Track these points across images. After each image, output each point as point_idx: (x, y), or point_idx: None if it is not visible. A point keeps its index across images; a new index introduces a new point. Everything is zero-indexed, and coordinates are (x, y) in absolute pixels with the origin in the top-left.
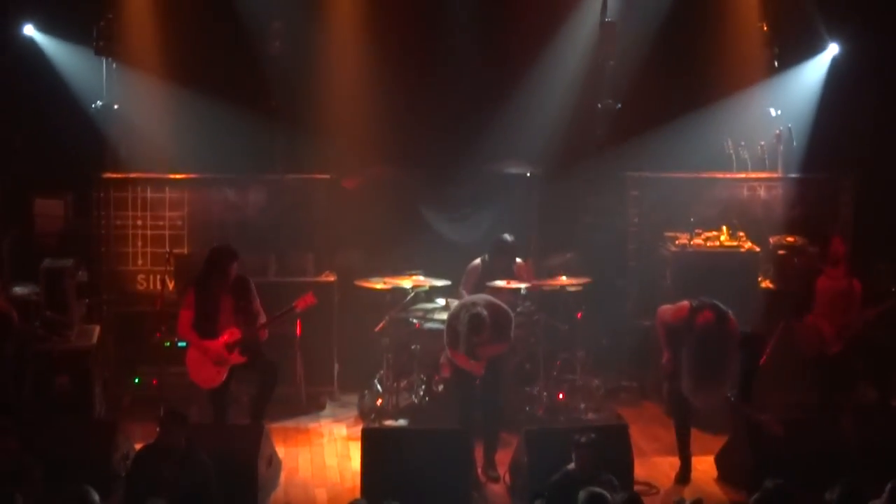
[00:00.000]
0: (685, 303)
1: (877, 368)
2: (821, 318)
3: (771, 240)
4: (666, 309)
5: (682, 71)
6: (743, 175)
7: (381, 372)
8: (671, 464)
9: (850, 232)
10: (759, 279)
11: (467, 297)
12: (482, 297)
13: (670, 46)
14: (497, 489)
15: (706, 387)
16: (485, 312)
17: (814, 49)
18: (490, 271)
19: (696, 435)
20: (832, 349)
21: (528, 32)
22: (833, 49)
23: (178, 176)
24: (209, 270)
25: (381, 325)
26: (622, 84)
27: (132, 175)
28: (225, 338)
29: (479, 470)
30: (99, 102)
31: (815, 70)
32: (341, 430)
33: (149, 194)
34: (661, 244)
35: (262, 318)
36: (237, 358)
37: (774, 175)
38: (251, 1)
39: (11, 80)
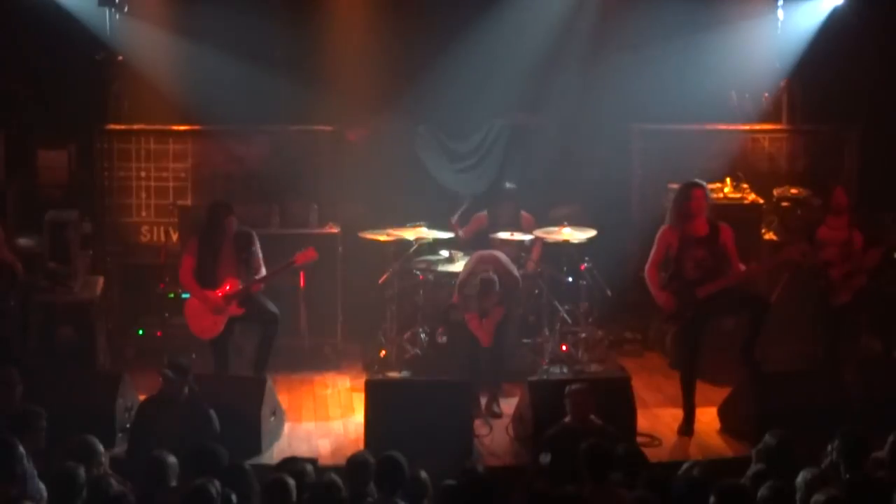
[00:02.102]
0: None
1: (882, 320)
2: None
3: (775, 192)
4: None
5: (684, 19)
6: (747, 127)
7: (385, 324)
8: (674, 415)
9: (856, 183)
10: (763, 231)
11: (477, 259)
12: (492, 257)
13: None
14: (500, 440)
15: None
16: (495, 276)
17: None
18: (495, 224)
19: (699, 386)
20: (837, 299)
21: None
22: None
23: (181, 127)
24: (208, 224)
25: (384, 276)
26: (624, 33)
27: (136, 127)
28: (224, 289)
29: (483, 409)
30: (102, 53)
31: (820, 19)
32: (345, 381)
33: (152, 146)
34: (665, 196)
35: (262, 273)
36: (235, 309)
37: (778, 127)
38: None
39: (15, 30)
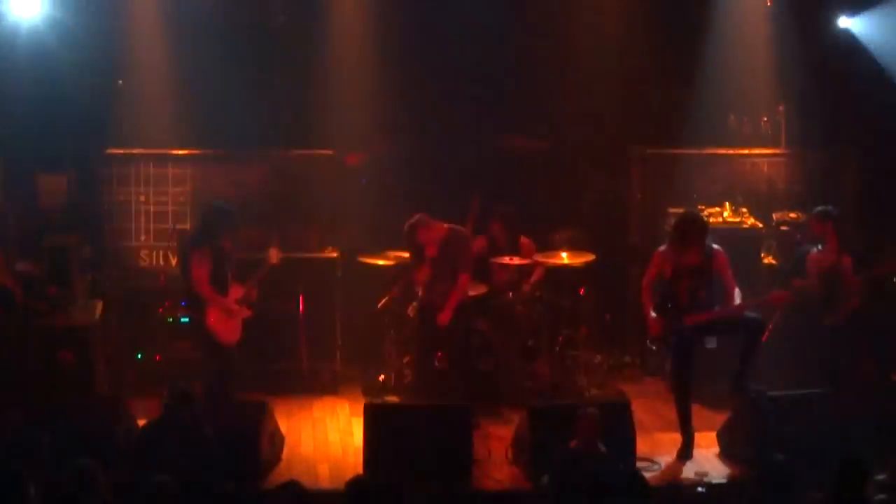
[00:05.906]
0: None
1: (878, 343)
2: None
3: (774, 216)
4: None
5: (685, 44)
6: (746, 151)
7: (384, 348)
8: (673, 440)
9: (857, 207)
10: (762, 255)
11: None
12: None
13: (673, 18)
14: (500, 465)
15: None
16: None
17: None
18: (495, 248)
19: (697, 411)
20: (830, 322)
21: (531, 5)
22: (843, 21)
23: (181, 152)
24: (217, 230)
25: (383, 301)
26: (625, 57)
27: (135, 151)
28: (235, 293)
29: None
30: (102, 78)
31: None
32: (344, 405)
33: (152, 170)
34: (664, 220)
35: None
36: (246, 311)
37: (777, 150)
38: None
39: (15, 54)
